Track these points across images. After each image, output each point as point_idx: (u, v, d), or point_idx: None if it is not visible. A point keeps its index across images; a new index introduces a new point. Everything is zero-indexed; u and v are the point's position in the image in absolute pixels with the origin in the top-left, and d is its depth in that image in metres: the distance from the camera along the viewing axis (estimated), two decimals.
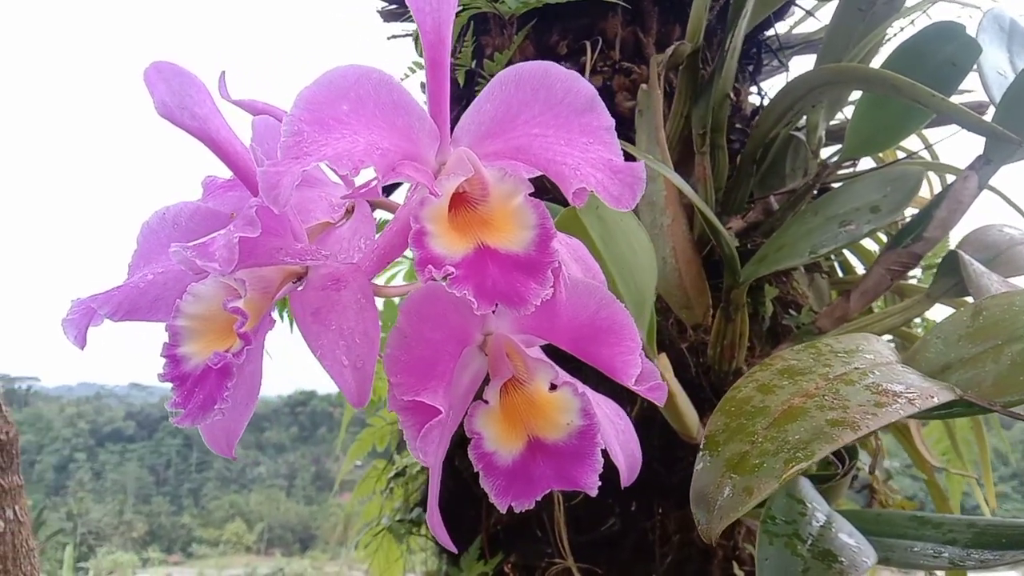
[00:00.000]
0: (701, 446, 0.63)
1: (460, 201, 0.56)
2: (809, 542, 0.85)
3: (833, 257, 1.71)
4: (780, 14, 1.63)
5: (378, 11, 1.67)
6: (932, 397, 0.64)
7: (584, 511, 1.31)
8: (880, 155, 1.73)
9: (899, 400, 0.62)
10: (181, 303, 0.54)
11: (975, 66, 1.24)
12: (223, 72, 0.70)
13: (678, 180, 0.97)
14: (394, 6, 1.64)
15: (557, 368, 0.60)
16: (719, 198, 1.25)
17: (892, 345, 0.80)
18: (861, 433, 0.57)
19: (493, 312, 0.61)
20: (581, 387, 0.58)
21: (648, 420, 1.22)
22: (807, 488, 0.97)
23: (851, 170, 1.38)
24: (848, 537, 0.87)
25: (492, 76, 1.34)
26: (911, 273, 1.73)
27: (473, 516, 1.44)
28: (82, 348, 0.59)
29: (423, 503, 1.48)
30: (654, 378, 0.55)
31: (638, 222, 0.83)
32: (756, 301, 1.28)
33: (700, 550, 1.32)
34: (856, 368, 0.69)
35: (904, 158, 1.48)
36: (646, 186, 1.16)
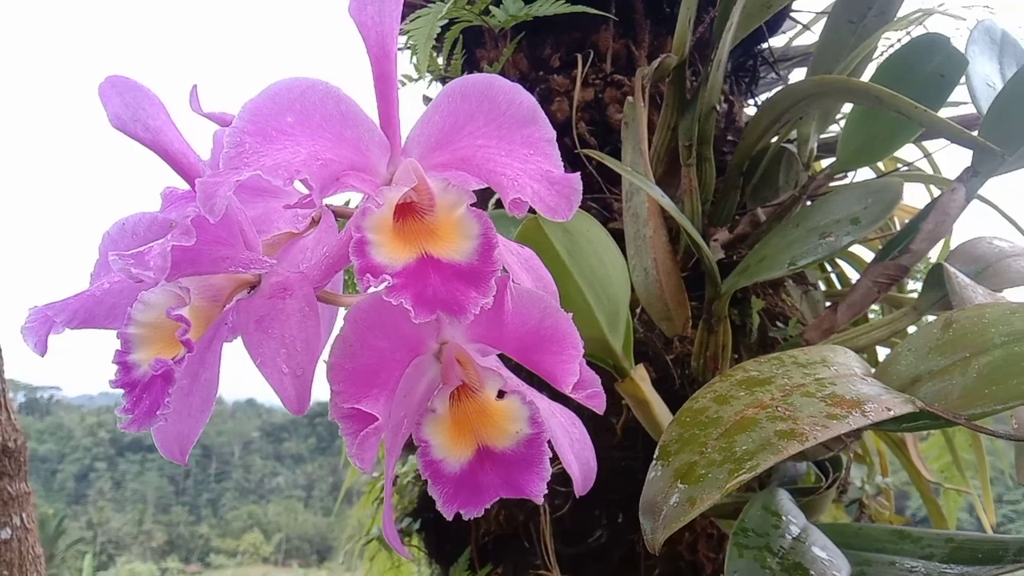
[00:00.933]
0: (655, 455, 0.63)
1: (409, 211, 0.56)
2: (780, 555, 0.85)
3: (830, 269, 1.70)
4: (775, 27, 1.64)
5: None
6: (889, 410, 0.64)
7: (571, 523, 1.31)
8: (881, 167, 1.72)
9: (853, 412, 0.62)
10: (132, 311, 0.55)
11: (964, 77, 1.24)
12: (195, 86, 0.71)
13: (656, 192, 0.97)
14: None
15: (507, 376, 0.60)
16: (706, 210, 1.25)
17: (861, 357, 0.80)
18: (808, 444, 0.57)
19: (449, 322, 0.62)
20: (530, 396, 0.58)
21: (633, 432, 1.22)
22: (784, 501, 0.97)
23: (842, 183, 1.38)
24: (821, 551, 0.87)
25: None
26: (912, 286, 1.72)
27: (463, 526, 1.44)
28: (42, 355, 0.60)
29: (413, 513, 1.48)
30: (593, 386, 0.55)
31: (607, 233, 0.83)
32: (743, 313, 1.28)
33: (689, 563, 1.31)
34: (817, 379, 0.69)
35: (902, 169, 1.48)
36: (630, 198, 1.16)
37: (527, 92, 0.54)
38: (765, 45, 1.58)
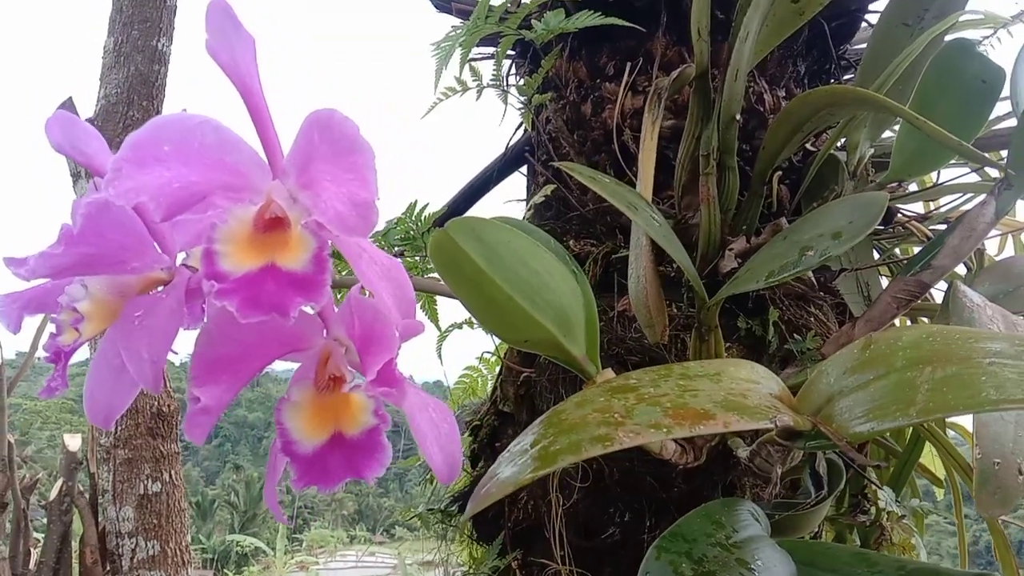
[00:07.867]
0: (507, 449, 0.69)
1: (275, 225, 0.66)
2: (699, 562, 0.86)
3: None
4: (847, 32, 1.58)
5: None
6: (727, 425, 0.66)
7: (585, 518, 1.36)
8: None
9: (682, 424, 0.64)
10: (60, 300, 0.68)
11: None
12: (183, 109, 0.84)
13: (625, 205, 1.00)
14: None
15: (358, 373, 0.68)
16: (726, 219, 1.25)
17: (773, 375, 0.81)
18: (612, 448, 0.61)
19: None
20: (373, 391, 0.66)
21: None
22: (742, 512, 0.97)
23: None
24: (751, 564, 0.87)
25: (526, 99, 1.41)
26: None
27: (498, 513, 1.52)
28: (15, 333, 0.75)
29: (458, 496, 1.58)
30: (390, 384, 0.62)
31: (536, 244, 0.88)
32: (763, 324, 1.27)
33: None
34: (685, 391, 0.71)
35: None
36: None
37: (354, 122, 0.61)
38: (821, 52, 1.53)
